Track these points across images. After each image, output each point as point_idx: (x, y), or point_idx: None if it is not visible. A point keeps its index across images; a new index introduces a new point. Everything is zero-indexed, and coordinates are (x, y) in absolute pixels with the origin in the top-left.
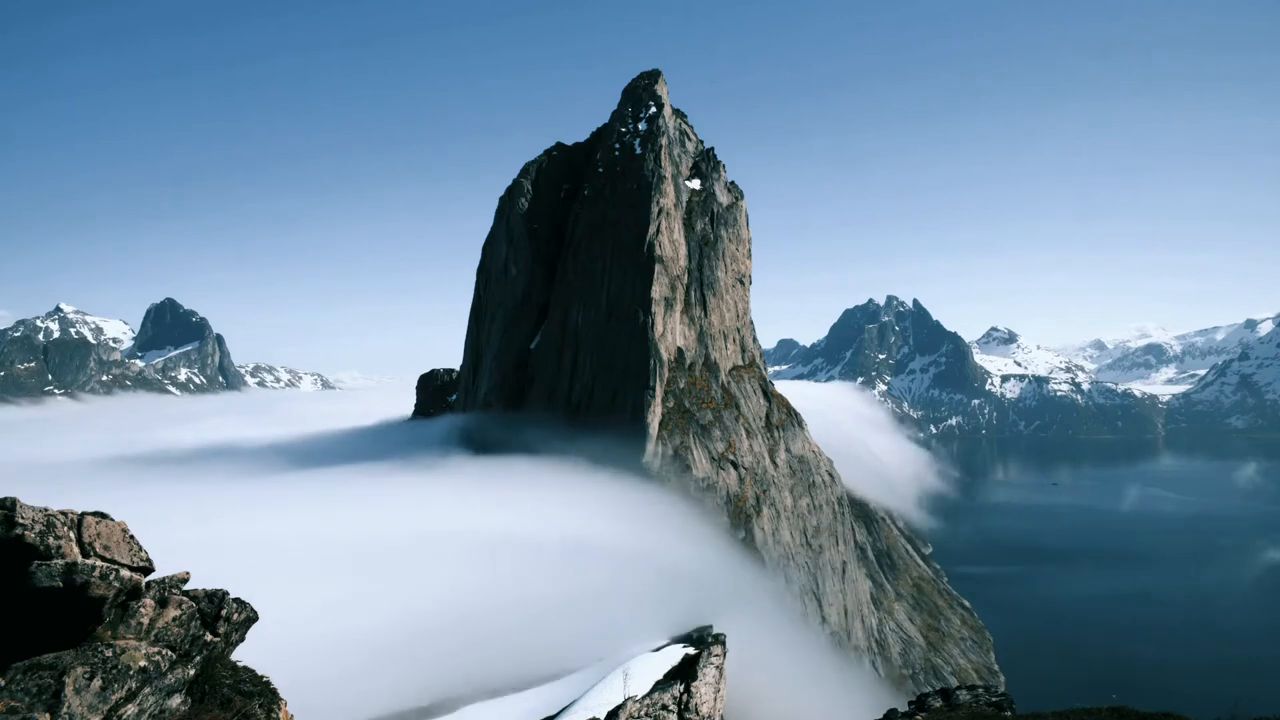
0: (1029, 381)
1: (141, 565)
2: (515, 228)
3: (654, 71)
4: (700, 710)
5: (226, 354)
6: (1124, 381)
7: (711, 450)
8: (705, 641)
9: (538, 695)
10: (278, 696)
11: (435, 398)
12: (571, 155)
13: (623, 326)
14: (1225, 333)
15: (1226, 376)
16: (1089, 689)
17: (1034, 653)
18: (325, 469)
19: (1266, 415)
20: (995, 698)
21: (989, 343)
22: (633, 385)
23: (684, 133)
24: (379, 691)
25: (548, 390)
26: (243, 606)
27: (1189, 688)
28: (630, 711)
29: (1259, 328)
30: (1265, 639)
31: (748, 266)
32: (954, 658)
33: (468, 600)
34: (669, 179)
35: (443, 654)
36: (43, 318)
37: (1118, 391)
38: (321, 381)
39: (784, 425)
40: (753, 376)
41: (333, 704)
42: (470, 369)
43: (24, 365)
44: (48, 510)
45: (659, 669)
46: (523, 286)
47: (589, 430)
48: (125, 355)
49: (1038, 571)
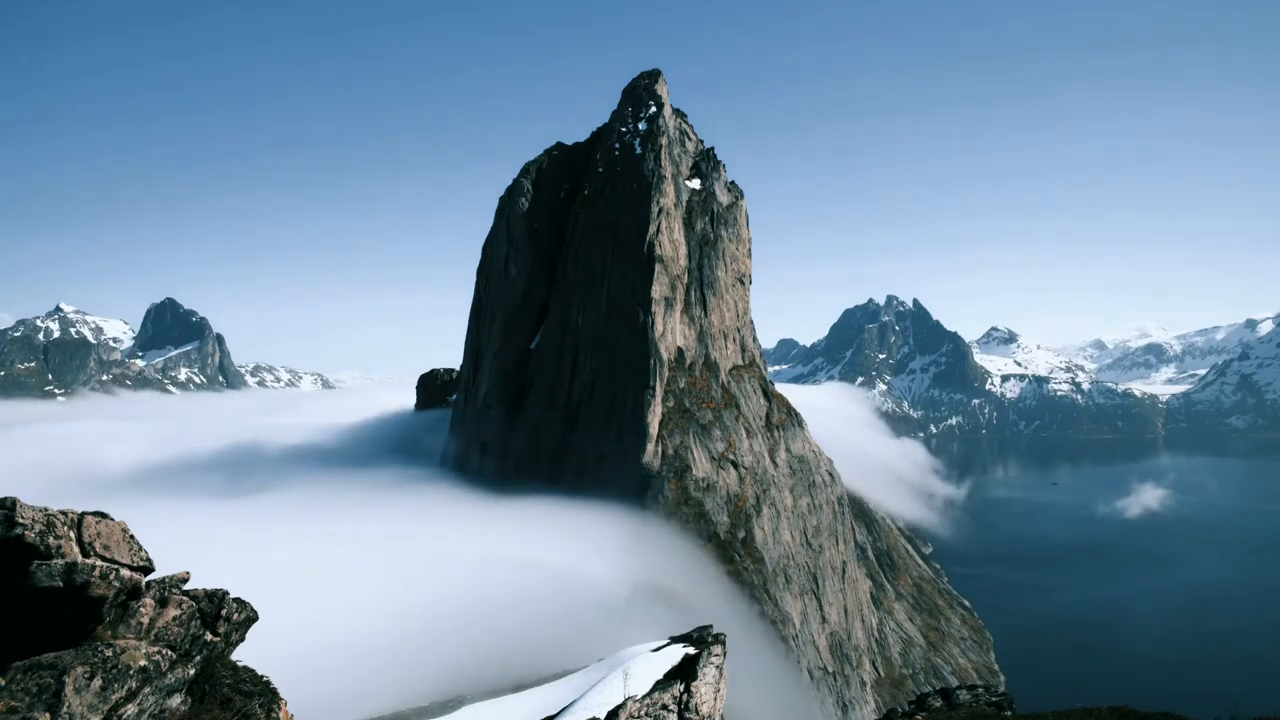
0: (1029, 381)
1: (141, 565)
2: (515, 228)
3: (654, 71)
4: (700, 710)
5: (227, 354)
6: (1124, 381)
7: (711, 450)
8: (705, 641)
9: (538, 695)
10: (278, 696)
11: (435, 397)
12: (571, 155)
13: (623, 326)
14: (1225, 332)
15: (1227, 376)
16: (1089, 689)
17: (1034, 653)
18: (325, 474)
19: (1267, 415)
20: (995, 698)
21: (989, 342)
22: (633, 385)
23: (684, 132)
24: (379, 691)
25: (548, 390)
26: (243, 606)
27: (1189, 688)
28: (630, 711)
29: (1259, 327)
30: (1265, 639)
31: (748, 266)
32: (954, 658)
33: (468, 600)
34: (669, 179)
35: (442, 654)
36: (43, 318)
37: (1118, 391)
38: (322, 381)
39: (784, 425)
40: (753, 376)
41: (333, 704)
42: (470, 368)
43: (24, 365)
44: (48, 510)
45: (659, 669)
46: (523, 286)
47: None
48: (125, 355)
49: (1038, 571)
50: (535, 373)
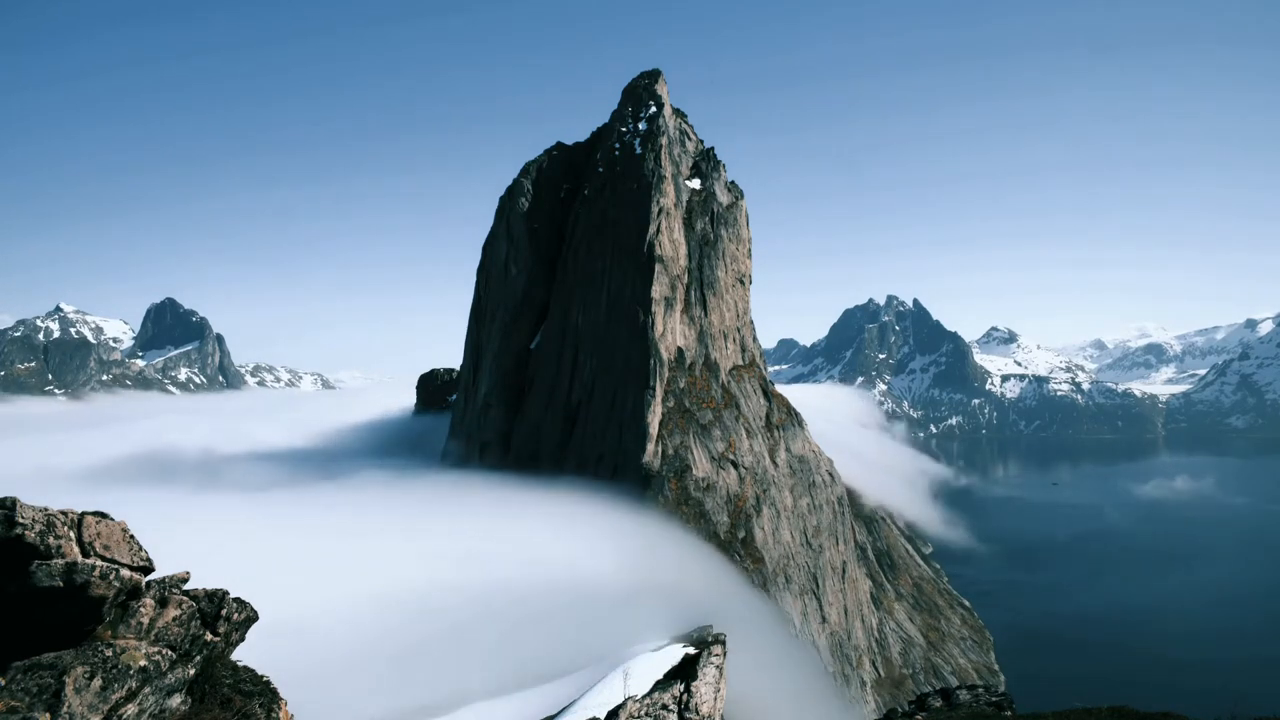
0: (1029, 381)
1: (141, 565)
2: (515, 227)
3: (654, 71)
4: (700, 710)
5: (227, 354)
6: (1124, 381)
7: (711, 450)
8: (705, 641)
9: (538, 695)
10: (278, 696)
11: (435, 397)
12: (572, 155)
13: (623, 326)
14: (1225, 332)
15: (1227, 376)
16: (1089, 689)
17: (1034, 653)
18: (325, 471)
19: (1267, 415)
20: (995, 698)
21: (989, 342)
22: (633, 385)
23: (684, 132)
24: (379, 691)
25: (548, 390)
26: (243, 606)
27: (1189, 687)
28: (630, 711)
29: (1259, 327)
30: (1265, 639)
31: (748, 266)
32: (954, 657)
33: (468, 600)
34: (669, 179)
35: (443, 653)
36: (43, 318)
37: (1118, 391)
38: (322, 381)
39: (784, 425)
40: (753, 376)
41: (333, 704)
42: (470, 369)
43: (24, 365)
44: (48, 510)
45: (659, 669)
46: (523, 286)
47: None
48: (125, 355)
49: (1038, 571)
50: (535, 373)
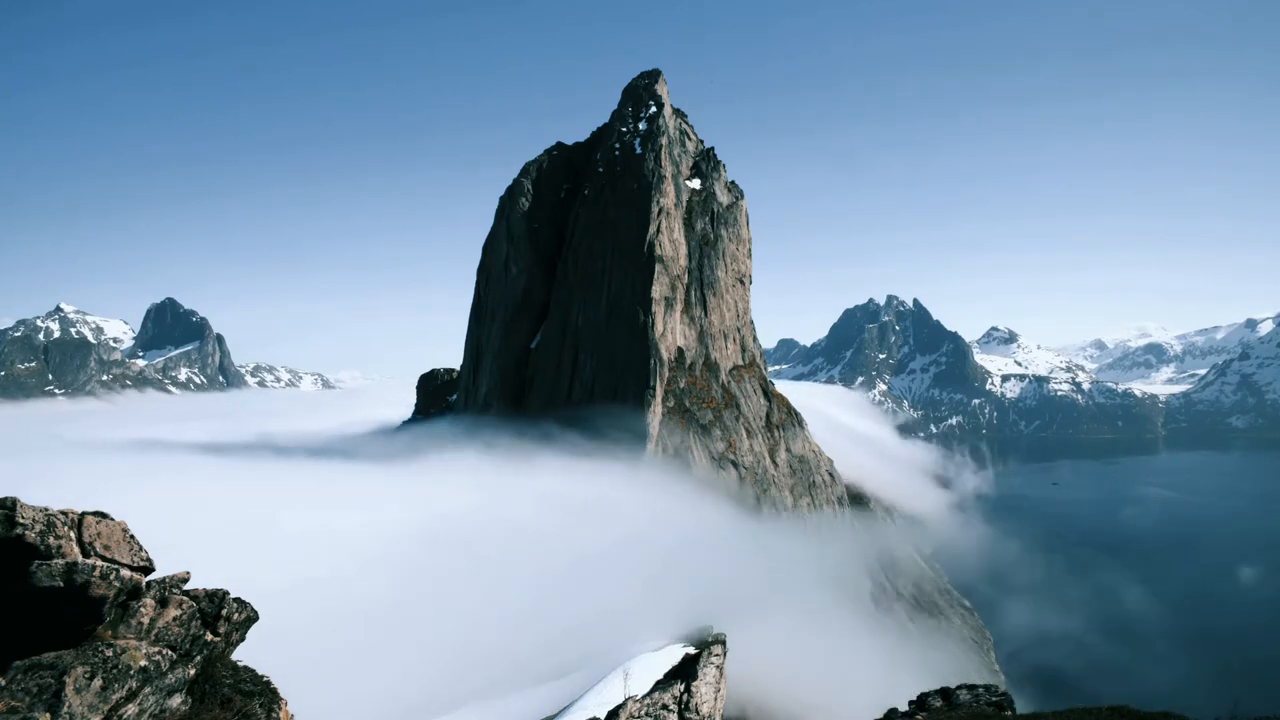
0: (1029, 381)
1: (142, 565)
2: (516, 227)
3: (654, 71)
4: (700, 710)
5: (227, 354)
6: (1124, 381)
7: (711, 450)
8: (705, 641)
9: (538, 695)
10: (278, 696)
11: (435, 397)
12: (572, 155)
13: (623, 326)
14: (1225, 332)
15: (1227, 376)
16: (1089, 689)
17: (1034, 653)
18: (325, 468)
19: (1267, 415)
20: (995, 698)
21: (989, 342)
22: (633, 385)
23: (684, 132)
24: (379, 691)
25: (548, 390)
26: (243, 606)
27: (1189, 687)
28: (630, 711)
29: (1259, 327)
30: (1265, 639)
31: (748, 266)
32: (954, 657)
33: (468, 600)
34: (669, 179)
35: (442, 653)
36: (43, 317)
37: (1118, 391)
38: (322, 381)
39: (784, 425)
40: (753, 376)
41: (333, 704)
42: (470, 369)
43: (24, 365)
44: (48, 510)
45: (659, 669)
46: (523, 286)
47: (589, 425)
48: (126, 355)
49: (1038, 571)
50: (535, 372)
